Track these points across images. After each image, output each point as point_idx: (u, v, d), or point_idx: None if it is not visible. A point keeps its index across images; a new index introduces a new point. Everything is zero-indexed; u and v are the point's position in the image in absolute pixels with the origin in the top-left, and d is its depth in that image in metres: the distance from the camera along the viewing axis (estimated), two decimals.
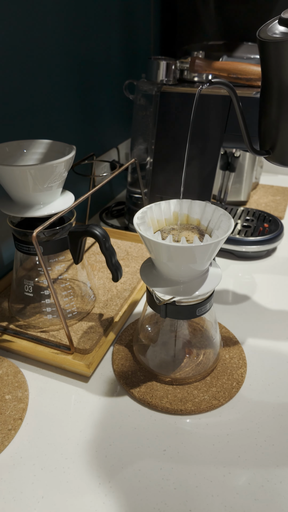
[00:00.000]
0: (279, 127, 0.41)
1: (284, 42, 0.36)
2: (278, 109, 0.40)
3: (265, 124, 0.43)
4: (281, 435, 0.43)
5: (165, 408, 0.45)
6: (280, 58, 0.37)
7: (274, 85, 0.39)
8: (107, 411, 0.46)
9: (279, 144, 0.42)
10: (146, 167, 0.78)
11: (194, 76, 0.72)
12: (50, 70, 0.67)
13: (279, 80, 0.39)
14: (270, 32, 0.38)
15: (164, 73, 0.72)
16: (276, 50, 0.37)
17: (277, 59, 0.37)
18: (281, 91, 0.39)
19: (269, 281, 0.68)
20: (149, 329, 0.52)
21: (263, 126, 0.43)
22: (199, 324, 0.52)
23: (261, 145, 0.45)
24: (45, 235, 0.50)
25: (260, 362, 0.52)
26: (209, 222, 0.45)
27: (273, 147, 0.43)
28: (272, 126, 0.42)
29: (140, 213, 0.44)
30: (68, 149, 0.50)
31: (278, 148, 0.43)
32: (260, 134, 0.44)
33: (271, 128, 0.42)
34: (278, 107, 0.40)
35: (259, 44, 0.38)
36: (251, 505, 0.37)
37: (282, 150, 0.43)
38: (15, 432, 0.43)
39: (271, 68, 0.39)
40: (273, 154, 0.43)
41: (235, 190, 0.90)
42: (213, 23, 1.04)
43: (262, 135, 0.44)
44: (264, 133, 0.44)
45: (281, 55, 0.37)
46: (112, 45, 0.86)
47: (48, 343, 0.52)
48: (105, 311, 0.57)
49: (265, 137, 0.44)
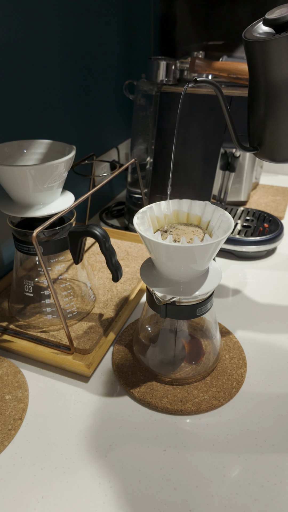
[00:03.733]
0: (266, 124, 0.42)
1: (268, 42, 0.37)
2: (264, 107, 0.42)
3: (253, 121, 0.44)
4: (281, 435, 0.43)
5: (165, 408, 0.45)
6: (264, 57, 0.38)
7: (261, 84, 0.41)
8: (107, 411, 0.46)
9: (266, 140, 0.43)
10: (146, 167, 0.78)
11: (194, 76, 0.72)
12: (50, 70, 0.67)
13: (265, 79, 0.40)
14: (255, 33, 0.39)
15: (164, 73, 0.72)
16: (261, 50, 0.38)
17: (262, 59, 0.39)
18: (267, 89, 0.40)
19: (269, 281, 0.68)
20: (149, 329, 0.52)
21: (251, 124, 0.44)
22: (199, 324, 0.52)
23: (250, 142, 0.46)
24: (45, 235, 0.50)
25: (260, 362, 0.52)
26: (209, 222, 0.45)
27: (260, 144, 0.44)
28: (259, 123, 0.43)
29: (140, 213, 0.44)
30: (68, 149, 0.50)
31: (266, 144, 0.44)
32: (249, 131, 0.45)
33: (259, 125, 0.43)
34: (265, 104, 0.41)
35: (244, 44, 0.39)
36: (251, 505, 0.37)
37: (270, 146, 0.44)
38: (15, 432, 0.43)
39: (257, 68, 0.40)
40: (261, 150, 0.45)
41: (235, 190, 0.90)
42: (213, 23, 1.04)
43: (251, 132, 0.45)
44: (253, 130, 0.45)
45: (266, 54, 0.38)
46: (112, 45, 0.86)
47: (48, 343, 0.52)
48: (105, 311, 0.57)
49: (253, 134, 0.45)
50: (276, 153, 0.44)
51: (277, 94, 0.40)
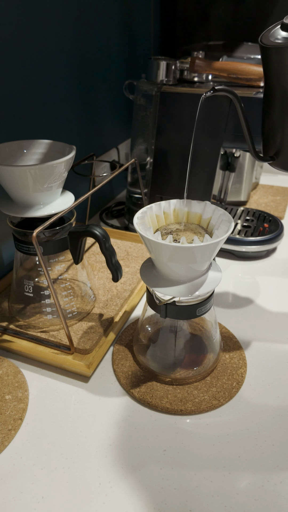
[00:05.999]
0: (283, 132, 0.41)
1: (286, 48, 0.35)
2: (281, 115, 0.40)
3: (268, 129, 0.42)
4: (281, 435, 0.43)
5: (165, 408, 0.45)
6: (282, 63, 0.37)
7: (277, 91, 0.39)
8: (107, 411, 0.46)
9: (284, 150, 0.42)
10: (146, 167, 0.78)
11: (194, 76, 0.72)
12: (50, 70, 0.67)
13: (282, 86, 0.38)
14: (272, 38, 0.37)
15: (164, 73, 0.72)
16: (278, 55, 0.36)
17: (279, 65, 0.37)
18: (284, 96, 0.39)
19: (269, 281, 0.68)
20: (149, 329, 0.52)
21: (267, 132, 0.43)
22: (199, 324, 0.52)
23: (264, 151, 0.44)
24: (45, 235, 0.50)
25: (260, 362, 0.52)
26: (210, 220, 0.45)
27: (277, 153, 0.42)
28: (276, 132, 0.41)
29: (140, 213, 0.44)
30: (68, 149, 0.50)
31: (283, 154, 0.42)
32: (264, 140, 0.44)
33: (275, 134, 0.41)
34: (281, 112, 0.40)
35: (261, 49, 0.38)
36: (251, 505, 0.37)
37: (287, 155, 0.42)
38: (15, 432, 0.43)
39: (273, 74, 0.38)
40: (277, 160, 0.43)
41: (235, 190, 0.90)
42: (213, 23, 1.04)
43: (266, 141, 0.43)
44: (268, 138, 0.43)
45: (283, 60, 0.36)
46: (112, 45, 0.86)
47: (48, 343, 0.52)
48: (105, 311, 0.57)
49: (269, 142, 0.43)
50: None
51: None
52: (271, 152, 0.43)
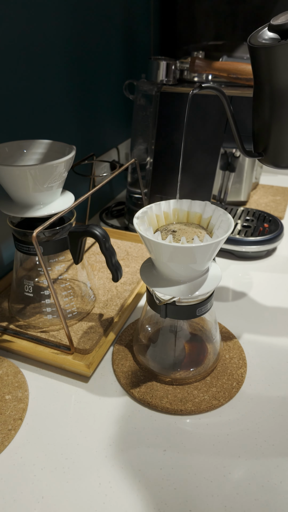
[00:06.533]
0: (271, 129, 0.42)
1: (273, 47, 0.37)
2: (269, 112, 0.41)
3: (257, 126, 0.44)
4: (281, 435, 0.43)
5: (165, 408, 0.45)
6: (270, 63, 0.38)
7: (266, 90, 0.40)
8: (107, 411, 0.46)
9: (271, 146, 0.43)
10: (146, 167, 0.78)
11: (194, 76, 0.72)
12: (50, 70, 0.67)
13: (270, 84, 0.39)
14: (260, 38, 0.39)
15: (164, 73, 0.72)
16: (266, 56, 0.38)
17: (267, 65, 0.38)
18: (272, 95, 0.40)
19: (269, 281, 0.68)
20: (149, 329, 0.52)
21: (256, 129, 0.44)
22: (199, 324, 0.52)
23: (254, 147, 0.46)
24: (45, 235, 0.50)
25: (260, 362, 0.52)
26: (210, 219, 0.45)
27: (265, 149, 0.44)
28: (264, 129, 0.43)
29: (140, 213, 0.44)
30: (68, 149, 0.50)
31: (271, 150, 0.43)
32: (254, 137, 0.45)
33: (264, 131, 0.43)
34: (269, 110, 0.41)
35: (249, 50, 0.39)
36: (251, 505, 0.37)
37: (274, 152, 0.43)
38: (15, 432, 0.43)
39: (262, 73, 0.40)
40: (265, 156, 0.44)
41: (235, 190, 0.90)
42: (213, 23, 1.04)
43: (255, 137, 0.45)
44: (257, 135, 0.44)
45: (271, 60, 0.38)
46: (112, 45, 0.86)
47: (48, 343, 0.52)
48: (105, 311, 0.57)
49: (258, 139, 0.44)
50: (281, 159, 0.43)
51: (283, 100, 0.39)
52: (260, 149, 0.44)
